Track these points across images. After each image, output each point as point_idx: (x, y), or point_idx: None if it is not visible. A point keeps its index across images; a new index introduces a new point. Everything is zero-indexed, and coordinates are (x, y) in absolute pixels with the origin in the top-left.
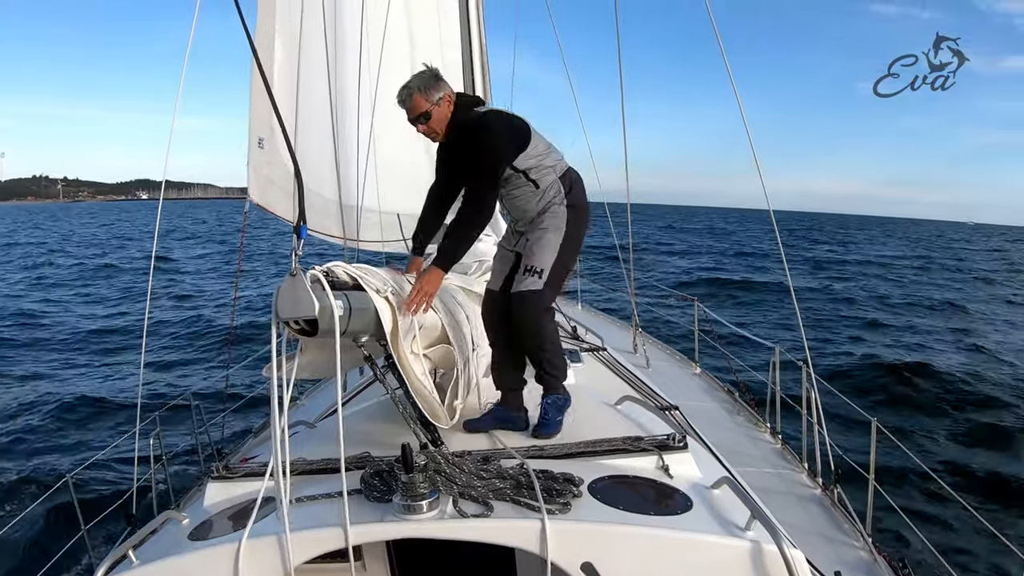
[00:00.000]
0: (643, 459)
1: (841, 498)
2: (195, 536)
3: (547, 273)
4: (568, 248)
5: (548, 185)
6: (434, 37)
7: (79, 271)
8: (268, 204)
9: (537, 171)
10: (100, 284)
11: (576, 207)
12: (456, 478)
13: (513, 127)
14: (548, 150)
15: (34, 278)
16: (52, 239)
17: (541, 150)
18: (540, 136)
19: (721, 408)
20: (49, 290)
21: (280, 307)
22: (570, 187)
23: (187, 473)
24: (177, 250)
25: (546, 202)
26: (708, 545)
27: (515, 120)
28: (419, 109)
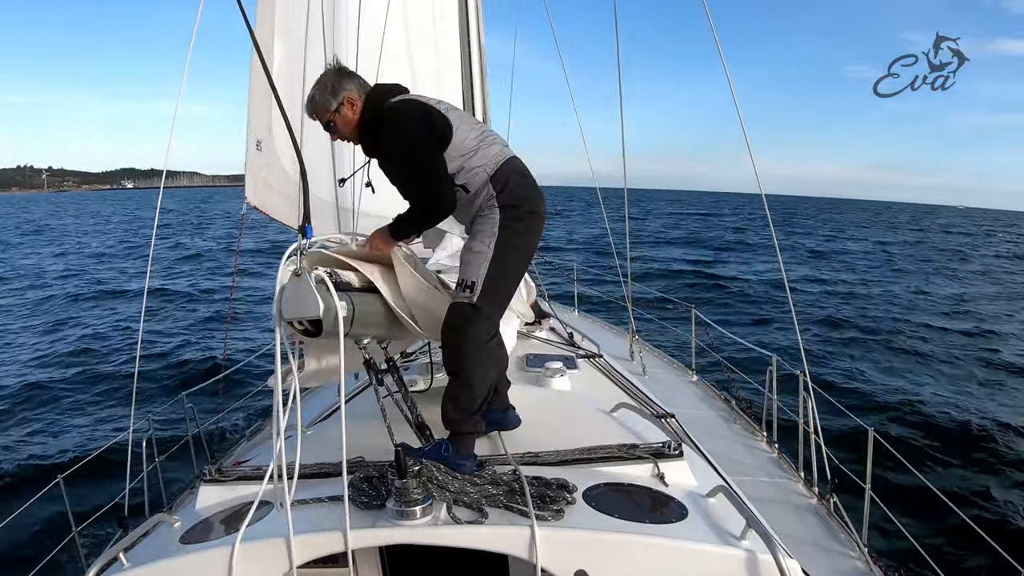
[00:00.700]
0: (638, 467)
1: (837, 508)
2: (187, 539)
3: (479, 287)
4: (507, 254)
5: (478, 188)
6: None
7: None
8: (265, 208)
9: (465, 174)
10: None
11: (512, 206)
12: (449, 484)
13: (429, 117)
14: (478, 145)
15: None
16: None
17: (468, 147)
18: (471, 128)
19: (717, 416)
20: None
21: (284, 307)
22: (504, 184)
23: (179, 476)
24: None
25: (477, 207)
26: (703, 554)
27: (432, 111)
28: (322, 120)
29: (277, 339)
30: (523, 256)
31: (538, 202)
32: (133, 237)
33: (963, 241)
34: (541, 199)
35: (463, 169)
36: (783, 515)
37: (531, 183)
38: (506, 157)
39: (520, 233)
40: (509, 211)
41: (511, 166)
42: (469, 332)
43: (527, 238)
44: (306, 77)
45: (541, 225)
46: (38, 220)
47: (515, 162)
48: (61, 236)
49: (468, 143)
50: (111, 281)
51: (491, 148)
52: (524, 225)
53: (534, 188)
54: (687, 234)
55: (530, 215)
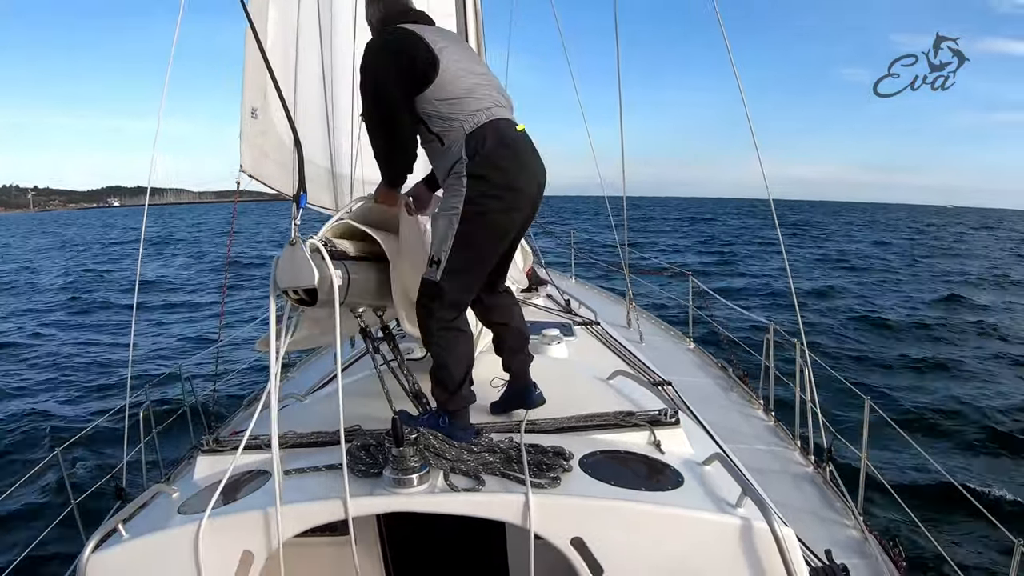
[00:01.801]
0: (635, 434)
1: (833, 476)
2: (185, 509)
3: (443, 264)
4: (474, 232)
5: (451, 144)
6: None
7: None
8: (262, 176)
9: (440, 121)
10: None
11: (480, 177)
12: (446, 452)
13: (404, 50)
14: (463, 95)
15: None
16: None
17: (450, 93)
18: (465, 74)
19: (714, 384)
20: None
21: (279, 276)
22: (478, 147)
23: (177, 446)
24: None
25: (449, 167)
26: (698, 521)
27: (418, 45)
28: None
29: (272, 308)
30: (495, 236)
31: (519, 176)
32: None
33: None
34: (525, 173)
35: (439, 115)
36: (779, 483)
37: (514, 153)
38: (492, 117)
39: (490, 211)
40: (477, 183)
41: (494, 128)
42: (432, 311)
43: (500, 217)
44: (299, 45)
45: (523, 204)
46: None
47: (501, 125)
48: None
49: (452, 88)
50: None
51: (478, 101)
52: (497, 203)
53: (517, 159)
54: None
55: (507, 191)
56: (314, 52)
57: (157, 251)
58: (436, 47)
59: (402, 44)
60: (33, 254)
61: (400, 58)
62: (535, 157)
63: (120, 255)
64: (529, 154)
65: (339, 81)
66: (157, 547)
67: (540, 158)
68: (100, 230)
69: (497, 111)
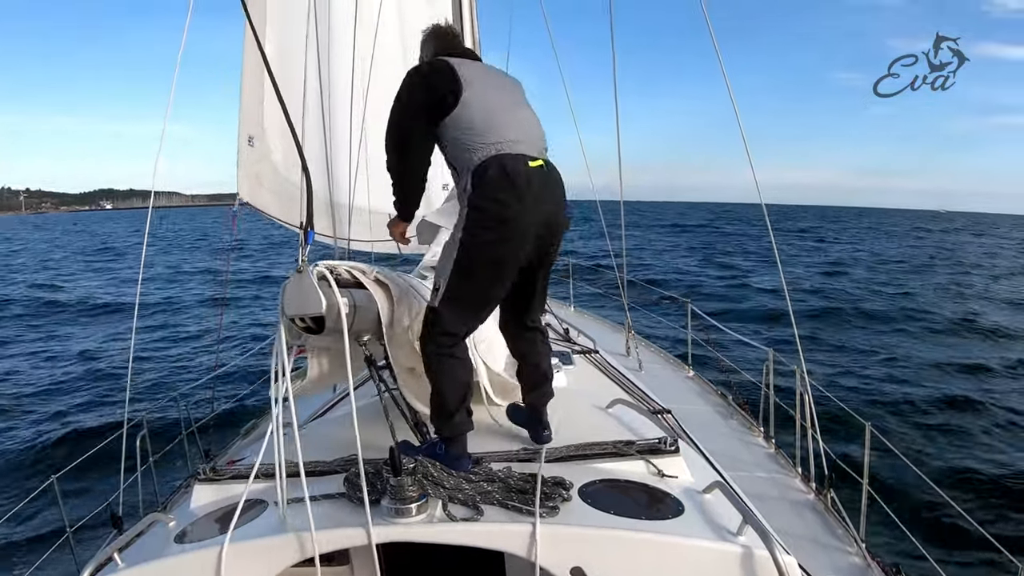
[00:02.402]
0: (635, 463)
1: (835, 503)
2: (181, 539)
3: (442, 291)
4: (471, 262)
5: (463, 174)
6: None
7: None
8: (258, 204)
9: (454, 151)
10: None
11: (478, 209)
12: (444, 481)
13: (432, 73)
14: (483, 128)
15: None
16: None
17: (471, 125)
18: (488, 107)
19: (714, 412)
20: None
21: (287, 304)
22: (479, 180)
23: (174, 475)
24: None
25: (460, 197)
26: (699, 550)
27: (446, 73)
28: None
29: (281, 336)
30: (490, 267)
31: (514, 209)
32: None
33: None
34: (523, 207)
35: (454, 144)
36: (780, 511)
37: (514, 187)
38: (502, 151)
39: (485, 242)
40: (474, 214)
41: (500, 162)
42: (430, 337)
43: (493, 248)
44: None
45: (517, 237)
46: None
47: (508, 159)
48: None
49: (470, 120)
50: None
51: (494, 135)
52: (490, 234)
53: (515, 193)
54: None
55: (500, 224)
56: (312, 83)
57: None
58: (464, 79)
59: (432, 68)
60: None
61: (428, 79)
62: (545, 192)
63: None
64: (535, 189)
65: (337, 111)
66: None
67: (556, 194)
68: (75, 236)
69: (511, 146)
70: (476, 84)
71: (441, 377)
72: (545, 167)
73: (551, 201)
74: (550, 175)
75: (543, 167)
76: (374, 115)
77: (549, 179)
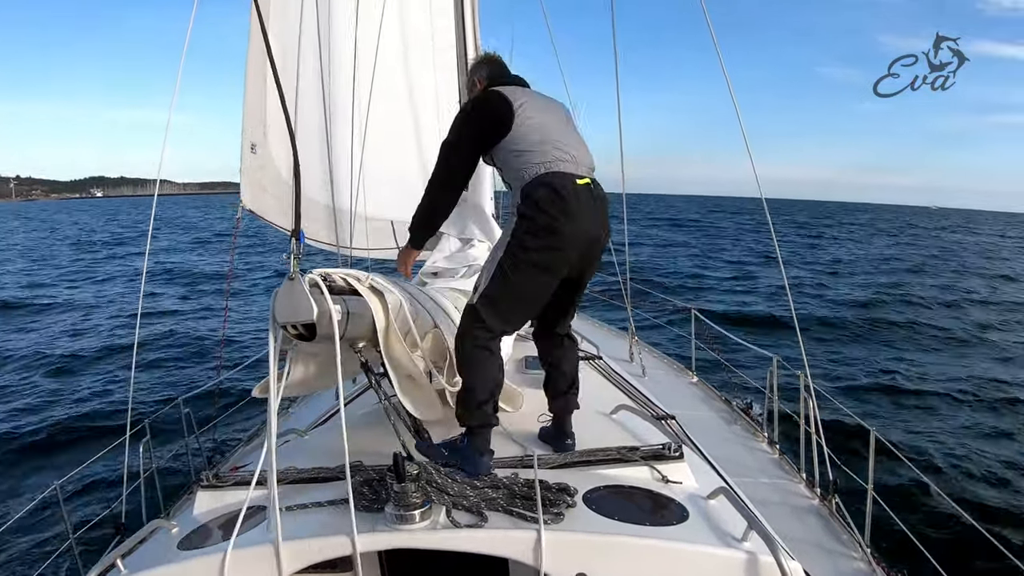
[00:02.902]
0: (639, 469)
1: (839, 508)
2: (184, 545)
3: (481, 290)
4: (514, 267)
5: (516, 189)
6: (427, 37)
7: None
8: (261, 211)
9: (508, 171)
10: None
11: (527, 217)
12: (448, 488)
13: (488, 110)
14: (531, 149)
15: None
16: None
17: (522, 146)
18: (538, 131)
19: (718, 417)
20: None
21: (278, 311)
22: (529, 194)
23: (177, 481)
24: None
25: (511, 209)
26: (704, 556)
27: (502, 105)
28: (471, 91)
29: (271, 343)
30: (534, 274)
31: (561, 221)
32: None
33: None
34: (569, 220)
35: (508, 165)
36: (785, 516)
37: (562, 201)
38: (552, 169)
39: (529, 248)
40: (523, 222)
41: (550, 179)
42: (466, 331)
43: (539, 255)
44: (299, 82)
45: (563, 246)
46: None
47: (557, 177)
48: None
49: (521, 142)
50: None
51: (542, 155)
52: (536, 241)
53: (563, 206)
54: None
55: (547, 233)
56: (315, 90)
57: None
58: (516, 105)
59: (488, 103)
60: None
61: (485, 110)
62: (591, 210)
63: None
64: (583, 205)
65: (339, 118)
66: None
67: (601, 213)
68: (48, 226)
69: (560, 165)
70: (528, 107)
71: (473, 369)
72: (592, 186)
73: (596, 218)
74: (597, 193)
75: (590, 186)
76: (376, 121)
77: (596, 197)
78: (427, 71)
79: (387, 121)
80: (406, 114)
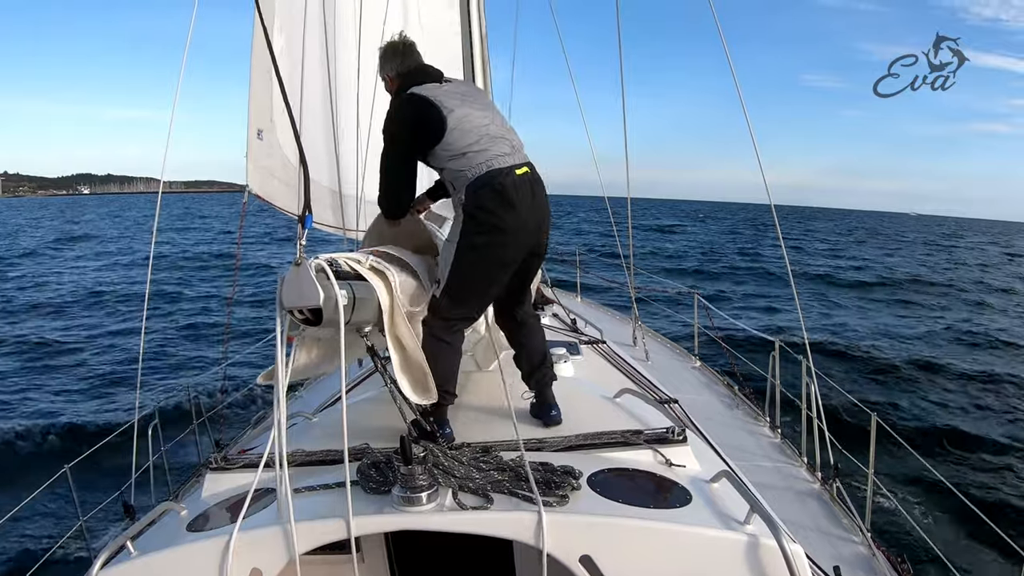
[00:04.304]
0: (643, 452)
1: (840, 493)
2: (193, 527)
3: (442, 284)
4: (465, 261)
5: (459, 189)
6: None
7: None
8: (268, 196)
9: (449, 173)
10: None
11: (472, 217)
12: (455, 470)
13: (419, 117)
14: (467, 151)
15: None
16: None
17: (456, 150)
18: (472, 132)
19: (720, 402)
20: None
21: (285, 296)
22: (473, 193)
23: (185, 464)
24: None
25: (455, 208)
26: (707, 538)
27: (431, 111)
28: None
29: (278, 328)
30: (484, 267)
31: (505, 218)
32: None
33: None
34: (511, 214)
35: (448, 168)
36: (786, 500)
37: (502, 197)
38: (492, 167)
39: (478, 246)
40: (469, 221)
41: (490, 178)
42: (427, 323)
43: (487, 252)
44: (304, 66)
45: (509, 240)
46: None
47: (495, 173)
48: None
49: (458, 145)
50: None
51: (481, 155)
52: (483, 239)
53: (504, 202)
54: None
55: (493, 230)
56: (319, 75)
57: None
58: (446, 110)
59: (417, 111)
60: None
61: (415, 124)
62: (532, 199)
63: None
64: (523, 196)
65: (344, 102)
66: (165, 565)
67: (540, 199)
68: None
69: (499, 160)
70: (456, 112)
71: (432, 358)
72: (529, 172)
73: (538, 206)
74: (535, 180)
75: (527, 173)
76: (380, 104)
77: (535, 184)
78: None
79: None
80: None
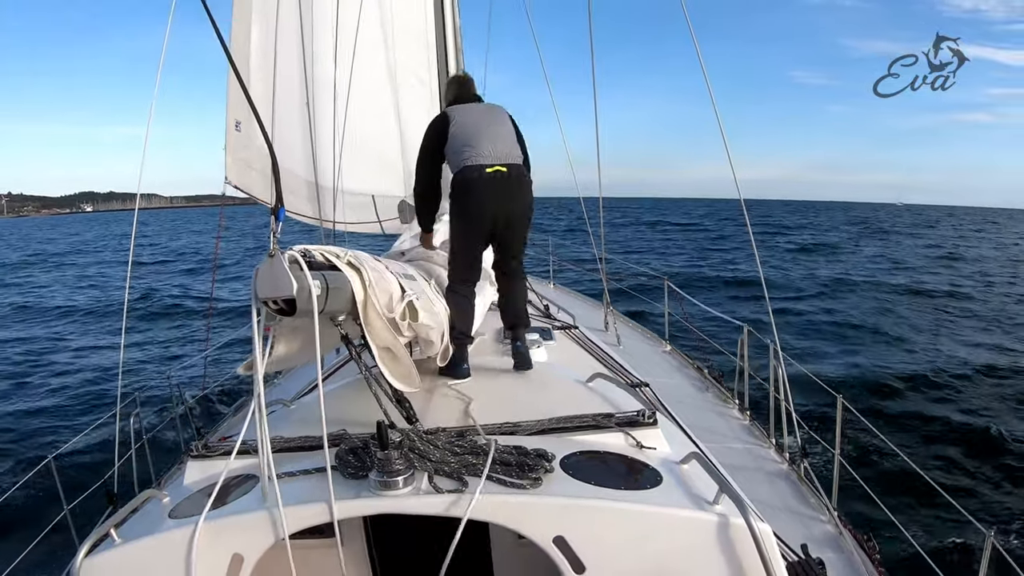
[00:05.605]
0: (614, 435)
1: (808, 473)
2: (175, 514)
3: (451, 250)
4: (455, 233)
5: (452, 179)
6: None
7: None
8: (246, 187)
9: (449, 168)
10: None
11: (455, 200)
12: (430, 454)
13: (436, 125)
14: (461, 149)
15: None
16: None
17: (454, 148)
18: (462, 139)
19: (691, 385)
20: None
21: (259, 287)
22: (454, 183)
23: (167, 452)
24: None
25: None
26: (677, 519)
27: (443, 121)
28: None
29: (254, 319)
30: (465, 232)
31: (468, 204)
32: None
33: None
34: (474, 203)
35: (448, 164)
36: (755, 480)
37: (469, 190)
38: (466, 164)
39: (457, 215)
40: (452, 204)
41: (464, 173)
42: (447, 284)
43: (465, 227)
44: (281, 58)
45: (475, 222)
46: None
47: (470, 170)
48: None
49: (453, 144)
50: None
51: (466, 152)
52: (458, 217)
53: (470, 194)
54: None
55: (462, 211)
56: (296, 67)
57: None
58: (453, 118)
59: (436, 121)
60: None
61: (435, 131)
62: (499, 190)
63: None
64: (486, 187)
65: (321, 94)
66: (149, 551)
67: (510, 188)
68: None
69: (474, 160)
70: (459, 117)
71: (453, 308)
72: (505, 170)
73: (504, 194)
74: (507, 176)
75: (499, 171)
76: (356, 97)
77: (505, 179)
78: (407, 51)
79: (368, 99)
80: (386, 92)
